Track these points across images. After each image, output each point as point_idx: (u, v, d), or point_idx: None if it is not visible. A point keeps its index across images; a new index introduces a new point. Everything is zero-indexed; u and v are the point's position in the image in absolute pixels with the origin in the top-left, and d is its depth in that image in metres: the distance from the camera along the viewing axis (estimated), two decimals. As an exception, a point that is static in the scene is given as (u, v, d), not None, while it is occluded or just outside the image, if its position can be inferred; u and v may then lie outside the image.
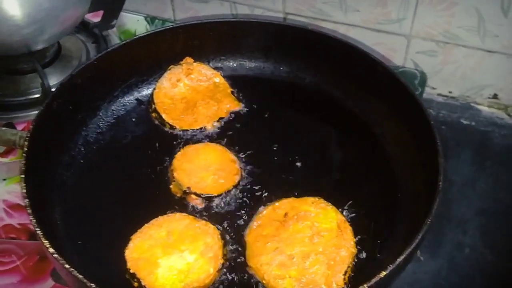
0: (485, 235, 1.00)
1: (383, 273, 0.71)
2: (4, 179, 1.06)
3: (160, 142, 1.02)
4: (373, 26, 1.20)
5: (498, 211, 1.04)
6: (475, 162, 1.12)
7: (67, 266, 0.71)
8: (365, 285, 0.69)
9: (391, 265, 0.71)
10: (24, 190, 0.80)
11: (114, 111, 1.08)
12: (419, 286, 0.93)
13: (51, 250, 0.73)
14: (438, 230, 0.98)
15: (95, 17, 1.36)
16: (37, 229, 0.76)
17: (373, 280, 0.70)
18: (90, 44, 1.33)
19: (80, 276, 0.70)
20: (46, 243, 0.74)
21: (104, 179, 0.97)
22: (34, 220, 0.77)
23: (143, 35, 1.11)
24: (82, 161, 1.00)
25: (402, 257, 0.72)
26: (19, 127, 1.15)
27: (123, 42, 1.09)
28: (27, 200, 0.79)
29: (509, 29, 1.11)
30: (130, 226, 0.87)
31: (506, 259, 0.97)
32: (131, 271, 0.81)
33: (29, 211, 0.78)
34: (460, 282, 0.94)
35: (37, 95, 1.18)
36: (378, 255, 0.85)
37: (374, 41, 1.22)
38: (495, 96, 1.22)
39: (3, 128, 0.95)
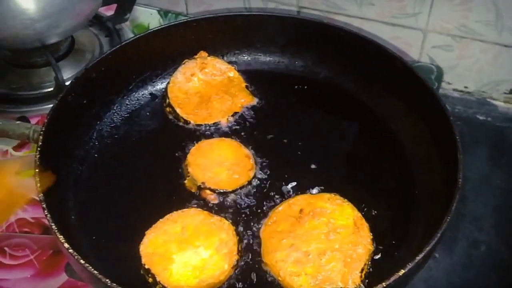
0: (501, 232, 0.99)
1: (402, 271, 0.70)
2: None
3: (174, 136, 1.01)
4: (388, 20, 1.18)
5: (514, 207, 1.02)
6: (491, 158, 1.11)
7: (82, 261, 0.71)
8: (383, 284, 0.68)
9: (410, 264, 0.70)
10: (39, 184, 0.80)
11: (128, 105, 1.08)
12: (434, 283, 0.92)
13: (66, 245, 0.73)
14: (453, 227, 0.97)
15: (108, 11, 1.36)
16: (51, 224, 0.75)
17: (392, 279, 0.69)
18: (103, 38, 1.33)
19: (95, 272, 0.70)
20: (61, 238, 0.74)
21: (118, 174, 0.97)
22: (49, 215, 0.77)
23: (156, 29, 1.10)
24: (96, 155, 0.99)
25: (421, 255, 0.71)
26: (33, 121, 1.15)
27: (137, 36, 1.08)
28: (41, 194, 0.79)
29: (527, 24, 1.09)
30: (145, 221, 0.86)
31: (522, 256, 0.95)
32: (146, 266, 0.80)
33: (44, 205, 0.78)
34: (475, 280, 0.93)
35: (51, 89, 1.18)
36: (395, 253, 0.84)
37: (389, 35, 1.20)
38: (511, 92, 1.20)
39: (17, 122, 0.94)
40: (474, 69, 1.19)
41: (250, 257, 0.84)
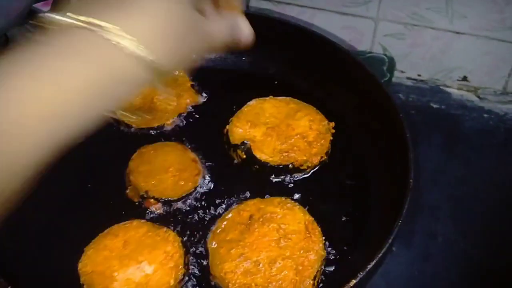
0: (458, 222, 0.99)
1: (353, 282, 0.67)
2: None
3: (114, 142, 0.95)
4: (339, 9, 1.16)
5: (470, 196, 1.03)
6: (445, 147, 1.11)
7: (9, 288, 0.65)
8: (334, 295, 0.66)
9: (361, 273, 0.68)
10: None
11: (64, 110, 1.02)
12: (392, 277, 0.91)
13: (-7, 273, 0.67)
14: (409, 218, 0.94)
15: (45, 6, 1.29)
16: (-23, 249, 0.70)
17: (344, 289, 0.67)
18: (41, 36, 1.26)
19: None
20: (-14, 265, 0.68)
21: (53, 186, 0.89)
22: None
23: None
24: (29, 165, 0.93)
25: (372, 263, 0.69)
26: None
27: (72, 35, 1.01)
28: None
29: (477, 10, 1.09)
30: (83, 237, 0.81)
31: (479, 246, 0.96)
32: (85, 287, 0.76)
33: (-33, 228, 0.72)
34: (434, 272, 0.93)
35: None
36: (349, 257, 0.82)
37: (341, 24, 1.18)
38: (464, 79, 1.20)
39: None
40: (427, 57, 1.19)
41: (197, 270, 0.81)
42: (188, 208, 0.87)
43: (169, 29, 0.51)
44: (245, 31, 0.65)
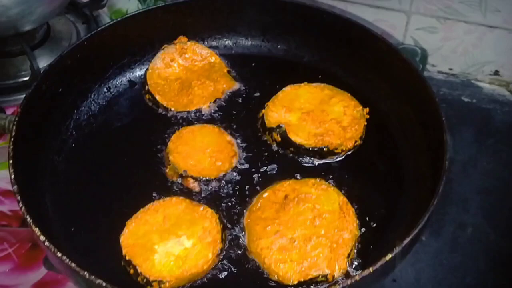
0: (488, 214, 0.99)
1: (389, 256, 0.69)
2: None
3: (154, 124, 0.98)
4: (372, 2, 1.17)
5: (500, 189, 1.03)
6: (476, 140, 1.11)
7: (59, 254, 0.68)
8: (370, 269, 0.67)
9: (396, 248, 0.69)
10: (13, 176, 0.77)
11: (106, 93, 1.05)
12: (421, 266, 0.91)
13: (42, 237, 0.70)
14: (440, 209, 0.95)
15: (85, -3, 1.33)
16: (27, 216, 0.73)
17: (379, 264, 0.68)
18: (80, 25, 1.30)
19: (73, 264, 0.67)
20: (36, 230, 0.71)
21: (97, 164, 0.94)
22: (24, 207, 0.74)
23: (134, 13, 1.07)
24: (73, 145, 0.96)
25: (407, 239, 0.70)
26: (9, 111, 1.11)
27: (113, 22, 1.05)
28: (15, 186, 0.77)
29: (511, 4, 1.09)
30: (125, 212, 0.84)
31: (508, 237, 0.96)
32: (127, 257, 0.78)
33: (18, 197, 0.75)
34: (462, 262, 0.93)
35: (27, 78, 1.14)
36: (382, 237, 0.82)
37: (373, 17, 1.19)
38: (496, 73, 1.20)
39: (-8, 113, 0.92)
40: (459, 50, 1.19)
41: (234, 245, 0.82)
42: (225, 187, 0.89)
43: None
44: None
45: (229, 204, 0.87)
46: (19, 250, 0.92)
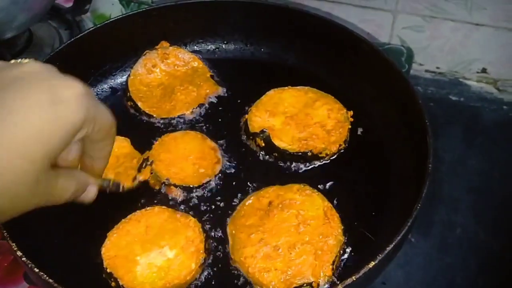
0: (477, 214, 0.98)
1: (372, 263, 0.68)
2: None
3: (136, 132, 0.97)
4: (358, 2, 1.17)
5: (489, 188, 1.02)
6: (465, 139, 1.11)
7: (36, 270, 0.67)
8: (353, 277, 0.66)
9: (379, 255, 0.68)
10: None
11: (87, 101, 1.03)
12: (411, 268, 0.91)
13: (18, 253, 0.69)
14: (428, 210, 0.96)
15: (67, 2, 1.31)
16: (3, 230, 0.72)
17: (362, 271, 0.67)
18: (63, 31, 1.28)
19: (50, 280, 0.66)
20: (13, 245, 0.70)
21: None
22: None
23: (114, 19, 1.05)
24: (55, 154, 0.95)
25: (390, 246, 0.69)
26: (-10, 121, 1.10)
27: (93, 28, 1.03)
28: (-8, 200, 0.75)
29: (497, 1, 1.08)
30: (106, 222, 0.83)
31: (498, 237, 0.95)
32: (108, 270, 0.77)
33: (-5, 211, 0.74)
34: (452, 263, 0.92)
35: (8, 87, 1.13)
36: (367, 243, 0.82)
37: (359, 18, 1.18)
38: (483, 71, 1.19)
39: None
40: (446, 49, 1.18)
41: (218, 254, 0.81)
42: (208, 195, 0.88)
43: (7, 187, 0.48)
44: (90, 196, 0.63)
45: (213, 212, 0.86)
46: (1, 263, 0.90)
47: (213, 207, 0.87)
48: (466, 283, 0.90)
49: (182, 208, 0.86)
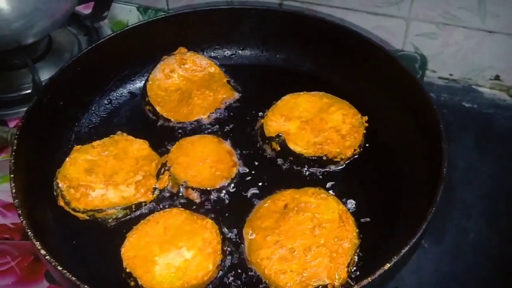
0: (490, 220, 0.99)
1: (387, 265, 0.69)
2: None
3: (154, 136, 0.99)
4: (371, 9, 1.17)
5: (502, 194, 1.03)
6: (478, 145, 1.11)
7: (59, 268, 0.69)
8: (369, 278, 0.67)
9: (395, 257, 0.69)
10: (14, 190, 0.78)
11: (107, 105, 1.06)
12: (423, 274, 0.92)
13: (42, 251, 0.71)
14: (441, 216, 0.96)
15: (86, 9, 1.33)
16: (28, 230, 0.74)
17: (377, 273, 0.68)
18: (82, 37, 1.31)
19: (73, 278, 0.68)
20: (37, 244, 0.72)
21: (98, 176, 0.94)
22: (25, 221, 0.75)
23: (133, 25, 1.08)
24: (75, 157, 0.97)
25: (406, 248, 0.70)
26: (11, 124, 1.12)
27: (114, 34, 1.06)
28: (16, 200, 0.77)
29: (510, 8, 1.09)
30: (126, 224, 0.85)
31: (511, 243, 0.96)
32: (127, 270, 0.79)
33: (19, 211, 0.76)
34: (465, 268, 0.93)
35: (29, 91, 1.15)
36: (382, 246, 0.82)
37: (372, 24, 1.19)
38: (497, 78, 1.20)
39: (-6, 126, 0.93)
40: (459, 56, 1.19)
41: (234, 256, 0.83)
42: (225, 198, 0.90)
43: None
44: None
45: (229, 214, 0.88)
46: (22, 263, 0.92)
47: (230, 209, 0.89)
48: (479, 288, 0.90)
49: (200, 210, 0.88)
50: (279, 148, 0.95)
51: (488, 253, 0.94)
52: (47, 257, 0.71)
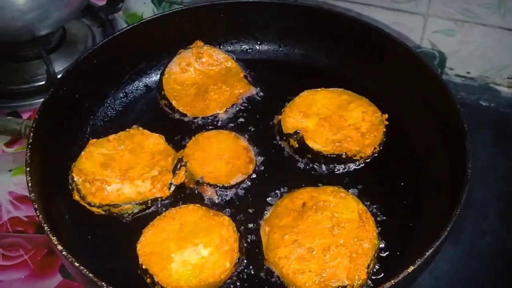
0: (507, 220, 0.98)
1: (411, 268, 0.67)
2: (10, 170, 1.03)
3: (170, 130, 0.97)
4: (389, 4, 1.16)
5: (519, 194, 1.01)
6: (495, 144, 1.10)
7: (76, 263, 0.68)
8: (392, 281, 0.66)
9: (419, 259, 0.68)
10: (30, 184, 0.77)
11: (123, 99, 1.05)
12: (439, 274, 0.90)
13: (59, 247, 0.70)
14: (457, 216, 0.95)
15: (100, 1, 1.32)
16: (44, 224, 0.73)
17: (401, 275, 0.67)
18: (96, 29, 1.30)
19: (90, 274, 0.67)
20: (54, 239, 0.71)
21: (114, 170, 0.93)
22: (41, 215, 0.74)
23: (150, 18, 1.06)
24: (90, 151, 0.96)
25: (430, 251, 0.69)
26: (25, 116, 1.12)
27: (130, 26, 1.05)
28: (33, 194, 0.76)
29: (531, 6, 1.07)
30: (142, 219, 0.84)
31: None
32: (143, 266, 0.78)
33: (35, 205, 0.75)
34: (481, 269, 0.92)
35: (43, 82, 1.15)
36: (403, 247, 0.81)
37: (389, 20, 1.18)
38: (515, 77, 1.18)
39: (8, 118, 0.92)
40: (477, 54, 1.17)
41: (252, 254, 0.82)
42: (242, 195, 0.89)
43: None
44: None
45: (246, 211, 0.87)
46: (35, 256, 0.92)
47: (247, 206, 0.87)
48: (495, 290, 0.89)
49: (216, 206, 0.87)
50: (297, 145, 0.93)
51: (504, 254, 0.93)
52: (64, 252, 0.70)
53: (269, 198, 0.88)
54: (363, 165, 0.93)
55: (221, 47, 1.12)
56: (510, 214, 0.99)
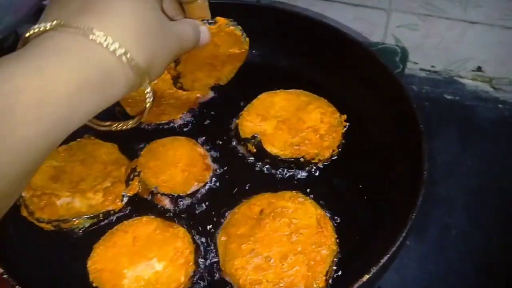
0: (473, 215, 0.97)
1: (366, 276, 0.66)
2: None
3: (124, 138, 0.93)
4: (351, 0, 1.14)
5: (485, 189, 1.01)
6: (460, 138, 1.09)
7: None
8: (347, 291, 0.64)
9: (374, 267, 0.66)
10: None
11: (74, 107, 1.01)
12: (407, 272, 0.90)
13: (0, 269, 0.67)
14: (423, 212, 0.93)
15: (54, 3, 1.28)
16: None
17: (356, 285, 0.65)
18: (51, 32, 1.26)
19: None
20: (-5, 262, 0.68)
21: (64, 182, 0.90)
22: (-18, 236, 0.70)
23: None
24: (40, 163, 0.92)
25: (385, 258, 0.67)
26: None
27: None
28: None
29: (492, -1, 1.06)
30: (92, 234, 0.81)
31: (495, 238, 0.94)
32: (94, 284, 0.75)
33: (-24, 226, 0.71)
34: (449, 265, 0.91)
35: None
36: (362, 252, 0.79)
37: (352, 16, 1.16)
38: (479, 69, 1.18)
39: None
40: (441, 47, 1.17)
41: (208, 266, 0.79)
42: (198, 204, 0.86)
43: (142, 29, 0.52)
44: (206, 35, 0.69)
45: (203, 221, 0.84)
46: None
47: (203, 216, 0.84)
48: (463, 286, 0.89)
49: (172, 217, 0.84)
50: (255, 150, 0.91)
51: (471, 250, 0.93)
52: (5, 275, 0.66)
53: (227, 206, 0.85)
54: (322, 168, 0.91)
55: (174, 50, 1.09)
56: (476, 208, 0.98)
